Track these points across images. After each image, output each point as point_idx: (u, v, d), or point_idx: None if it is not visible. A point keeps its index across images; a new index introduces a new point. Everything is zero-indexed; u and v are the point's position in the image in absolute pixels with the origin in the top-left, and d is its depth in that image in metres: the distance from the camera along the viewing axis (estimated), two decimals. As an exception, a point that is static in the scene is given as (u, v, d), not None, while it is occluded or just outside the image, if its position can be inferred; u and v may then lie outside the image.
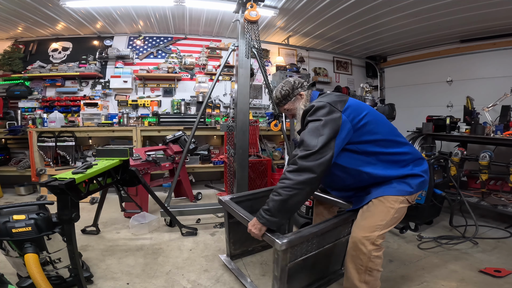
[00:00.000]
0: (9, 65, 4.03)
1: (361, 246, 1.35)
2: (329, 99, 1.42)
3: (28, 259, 1.32)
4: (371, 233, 1.35)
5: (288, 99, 1.62)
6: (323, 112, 1.36)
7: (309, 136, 1.32)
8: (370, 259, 1.35)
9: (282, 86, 1.63)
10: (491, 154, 2.76)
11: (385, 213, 1.39)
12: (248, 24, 2.53)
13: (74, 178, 1.46)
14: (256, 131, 3.90)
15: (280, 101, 1.64)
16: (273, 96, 1.68)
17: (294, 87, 1.61)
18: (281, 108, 1.67)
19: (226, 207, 1.81)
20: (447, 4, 3.06)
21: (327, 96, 1.50)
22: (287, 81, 1.65)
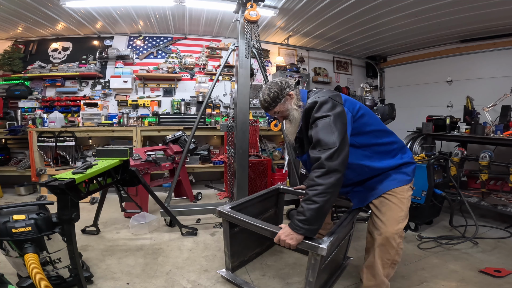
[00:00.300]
0: (9, 65, 4.03)
1: (392, 241, 1.41)
2: (327, 94, 1.43)
3: (28, 259, 1.32)
4: (398, 226, 1.42)
5: (277, 101, 1.52)
6: (328, 107, 1.34)
7: (324, 134, 1.29)
8: (397, 252, 1.44)
9: (269, 89, 1.53)
10: (491, 154, 2.76)
11: (401, 204, 1.46)
12: (248, 24, 2.53)
13: (74, 178, 1.46)
14: (256, 131, 3.90)
15: (269, 104, 1.53)
16: (260, 100, 1.56)
17: (282, 88, 1.52)
18: (271, 111, 1.57)
19: (233, 219, 1.64)
20: (447, 4, 3.06)
21: (321, 92, 1.50)
22: (273, 83, 1.54)
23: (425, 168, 2.49)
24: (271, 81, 1.58)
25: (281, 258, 2.09)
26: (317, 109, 1.37)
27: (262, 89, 1.59)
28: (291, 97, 1.53)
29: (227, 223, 1.70)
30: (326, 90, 1.50)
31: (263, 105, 1.57)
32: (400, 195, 1.46)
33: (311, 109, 1.40)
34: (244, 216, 1.62)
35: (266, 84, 1.57)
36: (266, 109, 1.58)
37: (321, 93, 1.46)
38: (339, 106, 1.36)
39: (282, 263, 2.02)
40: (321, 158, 1.25)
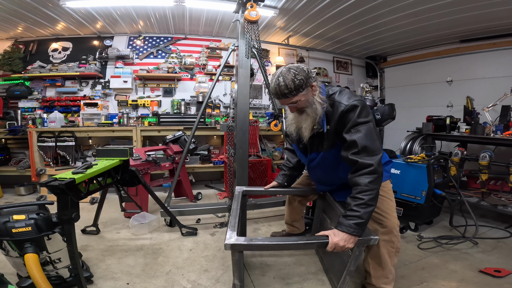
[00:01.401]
0: (9, 65, 4.03)
1: (393, 231, 1.53)
2: (357, 97, 1.43)
3: (28, 259, 1.32)
4: (395, 215, 1.56)
5: (300, 90, 1.38)
6: (367, 113, 1.38)
7: (370, 140, 1.33)
8: (398, 239, 1.57)
9: (294, 74, 1.36)
10: (491, 154, 2.76)
11: (390, 196, 1.59)
12: (248, 24, 2.53)
13: (74, 178, 1.46)
14: (256, 131, 3.90)
15: (290, 91, 1.37)
16: (279, 85, 1.37)
17: (308, 76, 1.39)
18: (288, 99, 1.41)
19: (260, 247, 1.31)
20: (447, 4, 3.06)
21: (347, 92, 1.46)
22: (299, 68, 1.38)
23: (425, 168, 2.49)
24: (294, 65, 1.41)
25: (281, 258, 2.09)
26: (359, 113, 1.35)
27: (282, 72, 1.39)
28: (313, 89, 1.42)
29: (240, 253, 1.25)
30: (350, 91, 1.48)
31: (282, 92, 1.38)
32: (385, 187, 1.57)
33: (349, 111, 1.37)
34: (275, 239, 1.44)
35: (288, 68, 1.39)
36: (283, 96, 1.40)
37: (349, 94, 1.44)
38: (370, 111, 1.42)
39: (282, 263, 2.02)
40: (374, 165, 1.29)
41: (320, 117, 1.44)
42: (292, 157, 2.00)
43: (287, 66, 1.41)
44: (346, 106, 1.37)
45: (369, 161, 1.30)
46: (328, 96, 1.47)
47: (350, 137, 1.35)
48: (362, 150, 1.32)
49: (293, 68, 1.38)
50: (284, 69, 1.39)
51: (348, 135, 1.36)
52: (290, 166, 1.99)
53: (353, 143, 1.34)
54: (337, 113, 1.40)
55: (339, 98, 1.43)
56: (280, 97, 1.42)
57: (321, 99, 1.43)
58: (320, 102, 1.42)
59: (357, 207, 1.27)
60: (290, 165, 1.99)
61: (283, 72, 1.39)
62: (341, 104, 1.40)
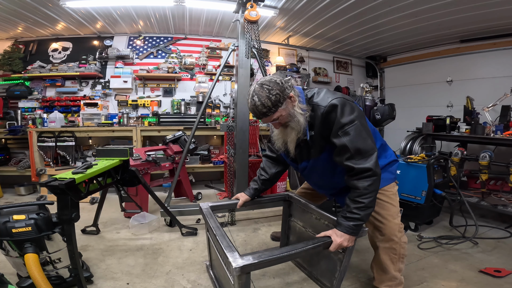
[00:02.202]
0: (9, 65, 4.03)
1: (393, 237, 1.46)
2: (336, 94, 1.34)
3: (28, 259, 1.32)
4: (395, 221, 1.47)
5: (279, 105, 1.28)
6: (349, 109, 1.28)
7: (361, 141, 1.26)
8: (401, 246, 1.49)
9: (268, 90, 1.26)
10: (491, 154, 2.76)
11: (392, 200, 1.51)
12: (248, 24, 2.53)
13: (74, 178, 1.46)
14: (256, 131, 3.90)
15: (269, 109, 1.27)
16: (254, 105, 1.28)
17: (283, 88, 1.29)
18: (269, 117, 1.31)
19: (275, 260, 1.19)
20: (447, 4, 3.06)
21: (327, 92, 1.38)
22: (272, 82, 1.29)
23: (425, 168, 2.49)
24: (266, 79, 1.31)
25: (281, 258, 2.09)
26: (341, 114, 1.27)
27: (255, 90, 1.29)
28: (292, 100, 1.33)
29: (247, 275, 1.15)
30: (327, 90, 1.41)
31: (260, 111, 1.28)
32: (388, 191, 1.51)
33: (330, 113, 1.29)
34: (284, 250, 1.22)
35: (260, 84, 1.29)
36: (263, 115, 1.30)
37: (327, 94, 1.36)
38: (355, 105, 1.32)
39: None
40: (372, 169, 1.25)
41: (304, 128, 1.36)
42: (270, 168, 1.79)
43: (259, 82, 1.31)
44: (325, 107, 1.30)
45: (365, 165, 1.25)
46: (307, 100, 1.38)
47: (339, 141, 1.29)
48: (356, 154, 1.26)
49: (266, 84, 1.29)
50: (257, 87, 1.30)
51: (336, 139, 1.30)
52: (265, 178, 1.77)
53: (344, 147, 1.28)
54: (318, 115, 1.34)
55: (317, 99, 1.36)
56: (260, 116, 1.31)
57: (301, 109, 1.33)
58: (301, 113, 1.33)
59: (357, 210, 1.28)
60: (265, 177, 1.77)
61: (256, 90, 1.29)
62: (319, 106, 1.33)
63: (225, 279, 1.39)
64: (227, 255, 1.14)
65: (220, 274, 1.55)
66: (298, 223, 1.89)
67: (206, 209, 1.68)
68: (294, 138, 1.40)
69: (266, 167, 1.81)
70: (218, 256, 1.43)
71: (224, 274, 1.37)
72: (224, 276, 1.41)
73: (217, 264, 1.57)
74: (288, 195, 1.95)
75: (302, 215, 1.85)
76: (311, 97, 1.40)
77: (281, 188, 3.71)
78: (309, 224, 1.77)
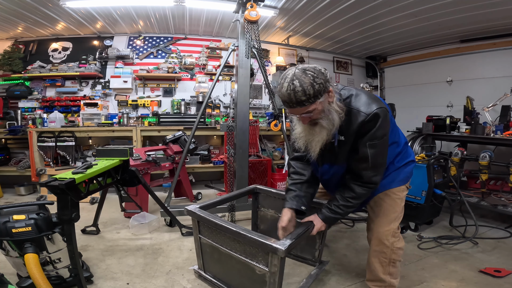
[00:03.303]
0: (9, 65, 4.03)
1: (384, 241, 1.41)
2: (375, 101, 1.23)
3: (28, 259, 1.32)
4: (389, 226, 1.42)
5: (318, 97, 1.12)
6: (386, 123, 1.24)
7: (380, 157, 1.28)
8: (393, 251, 1.43)
9: (313, 77, 1.10)
10: (491, 154, 2.76)
11: (395, 205, 1.45)
12: (248, 24, 2.53)
13: (74, 178, 1.46)
14: (256, 131, 3.90)
15: (308, 98, 1.10)
16: (294, 89, 1.09)
17: (327, 79, 1.14)
18: (303, 108, 1.14)
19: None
20: (447, 4, 3.06)
21: (363, 95, 1.26)
22: (316, 70, 1.13)
23: (425, 168, 2.49)
24: (309, 66, 1.15)
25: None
26: (380, 126, 1.20)
27: (296, 74, 1.11)
28: (330, 95, 1.17)
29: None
30: (367, 94, 1.27)
31: (298, 99, 1.10)
32: (395, 195, 1.45)
33: (370, 122, 1.19)
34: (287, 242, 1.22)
35: (303, 69, 1.12)
36: (298, 104, 1.12)
37: (368, 99, 1.23)
38: (390, 115, 1.28)
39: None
40: (377, 183, 1.32)
41: (337, 128, 1.21)
42: (304, 168, 1.51)
43: (301, 67, 1.14)
44: (367, 116, 1.19)
45: (374, 178, 1.30)
46: (342, 100, 1.24)
47: (364, 151, 1.24)
48: (372, 167, 1.27)
49: (310, 70, 1.12)
50: (298, 71, 1.12)
51: (362, 148, 1.24)
52: (303, 180, 1.47)
53: (365, 158, 1.25)
54: (356, 123, 1.21)
55: (356, 104, 1.23)
56: (294, 105, 1.14)
57: (339, 107, 1.19)
58: (338, 111, 1.19)
59: (344, 208, 1.36)
60: (303, 179, 1.48)
61: (297, 74, 1.11)
62: (360, 113, 1.20)
63: (242, 272, 1.39)
64: (267, 243, 1.20)
65: (228, 271, 1.50)
66: (269, 211, 2.04)
67: (199, 211, 1.56)
68: (322, 139, 1.23)
69: (298, 169, 1.53)
70: (232, 252, 1.41)
71: (241, 268, 1.39)
72: (240, 270, 1.40)
73: (223, 261, 1.50)
74: (256, 187, 2.07)
75: (272, 203, 2.01)
76: (347, 98, 1.26)
77: (281, 188, 3.71)
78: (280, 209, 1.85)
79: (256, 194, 2.11)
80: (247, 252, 1.33)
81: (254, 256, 1.30)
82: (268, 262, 1.23)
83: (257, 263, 1.30)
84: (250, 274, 1.35)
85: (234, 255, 1.39)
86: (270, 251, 1.20)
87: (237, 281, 1.47)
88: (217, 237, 1.47)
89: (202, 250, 1.59)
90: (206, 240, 1.53)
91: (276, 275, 1.23)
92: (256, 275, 1.32)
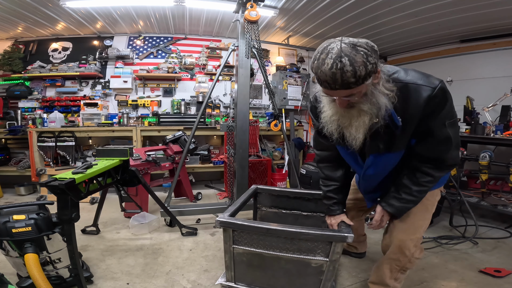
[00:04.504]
0: (9, 65, 4.03)
1: (405, 250, 1.28)
2: (429, 74, 1.09)
3: (28, 259, 1.32)
4: (414, 235, 1.28)
5: (368, 79, 0.95)
6: (451, 102, 1.08)
7: (456, 148, 1.14)
8: (410, 260, 1.32)
9: (366, 55, 0.92)
10: (491, 154, 2.76)
11: (425, 211, 1.32)
12: (248, 24, 2.53)
13: (74, 178, 1.46)
14: (256, 131, 3.90)
15: (357, 80, 0.92)
16: (343, 68, 0.90)
17: (378, 58, 0.98)
18: (347, 91, 0.96)
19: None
20: (447, 4, 3.05)
21: (411, 70, 1.11)
22: (369, 46, 0.96)
23: (425, 168, 2.48)
24: (360, 41, 0.98)
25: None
26: (450, 103, 1.07)
27: (344, 51, 0.93)
28: (377, 76, 1.01)
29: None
30: (413, 69, 1.12)
31: (346, 80, 0.92)
32: (427, 200, 1.28)
33: (438, 98, 1.03)
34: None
35: (352, 44, 0.95)
36: (344, 86, 0.94)
37: (419, 73, 1.09)
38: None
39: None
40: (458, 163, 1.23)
41: (387, 110, 1.04)
42: (334, 172, 1.43)
43: (349, 42, 0.96)
44: (433, 90, 1.03)
45: (457, 158, 1.17)
46: (389, 78, 1.07)
47: (443, 132, 1.08)
48: (455, 147, 1.13)
49: (362, 46, 0.94)
50: (346, 46, 0.94)
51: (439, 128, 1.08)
52: (336, 186, 1.42)
53: (447, 140, 1.10)
54: (420, 99, 1.04)
55: (411, 78, 1.07)
56: (336, 87, 0.94)
57: (387, 89, 1.03)
58: (385, 93, 1.02)
59: (417, 194, 1.21)
60: (336, 185, 1.42)
61: (346, 50, 0.92)
62: (422, 87, 1.04)
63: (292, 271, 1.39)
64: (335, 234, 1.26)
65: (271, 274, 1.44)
66: (271, 209, 2.06)
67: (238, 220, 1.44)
68: (364, 124, 1.05)
69: (329, 173, 1.44)
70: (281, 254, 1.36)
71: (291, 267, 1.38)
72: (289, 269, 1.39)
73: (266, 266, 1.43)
74: (257, 187, 2.05)
75: (275, 200, 2.03)
76: (395, 73, 1.09)
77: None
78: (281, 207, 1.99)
79: (256, 194, 2.11)
80: (302, 248, 1.32)
81: (311, 250, 1.30)
82: (330, 252, 1.27)
83: (313, 257, 1.31)
84: (302, 269, 1.35)
85: (285, 255, 1.35)
86: (338, 240, 1.24)
87: (283, 281, 1.43)
88: (261, 242, 1.38)
89: (235, 261, 1.48)
90: (244, 248, 1.42)
91: (337, 262, 1.29)
92: (311, 269, 1.33)
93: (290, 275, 1.39)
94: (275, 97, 3.13)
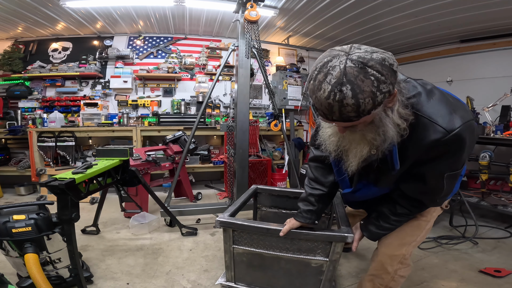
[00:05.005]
0: (9, 65, 4.03)
1: (387, 266, 1.17)
2: (457, 108, 0.87)
3: (28, 259, 1.32)
4: (399, 251, 1.16)
5: (377, 108, 0.75)
6: (474, 141, 0.92)
7: (450, 184, 0.99)
8: (393, 278, 1.18)
9: (377, 80, 0.71)
10: (491, 154, 2.76)
11: (416, 228, 1.19)
12: (248, 24, 2.53)
13: (74, 178, 1.46)
14: (256, 131, 3.90)
15: (359, 114, 0.74)
16: (342, 100, 0.71)
17: (396, 79, 0.77)
18: (347, 123, 0.79)
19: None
20: (447, 4, 3.05)
21: (439, 96, 0.88)
22: (385, 66, 0.73)
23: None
24: (372, 57, 0.74)
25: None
26: (464, 151, 0.87)
27: (348, 74, 0.71)
28: (392, 100, 0.80)
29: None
30: (444, 94, 0.91)
31: (344, 115, 0.74)
32: (423, 216, 1.18)
33: (449, 145, 0.84)
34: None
35: (362, 63, 0.72)
36: (344, 119, 0.76)
37: (450, 106, 0.87)
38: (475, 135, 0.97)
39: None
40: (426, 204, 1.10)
41: (391, 143, 0.85)
42: (325, 176, 1.26)
43: (358, 58, 0.72)
44: (447, 134, 0.82)
45: (437, 203, 1.13)
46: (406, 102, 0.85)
47: (436, 182, 0.96)
48: (443, 196, 1.04)
49: (375, 67, 0.72)
50: (353, 67, 0.71)
51: (432, 178, 0.95)
52: (322, 193, 1.25)
53: (436, 191, 1.00)
54: (426, 140, 0.85)
55: (429, 110, 0.85)
56: (334, 118, 0.77)
57: (401, 117, 0.82)
58: (397, 123, 0.82)
59: (395, 223, 1.15)
60: (323, 191, 1.25)
61: (350, 75, 0.71)
62: (435, 126, 0.83)
63: (292, 271, 1.38)
64: (335, 234, 1.25)
65: (272, 274, 1.44)
66: (271, 209, 2.03)
67: (238, 220, 1.44)
68: (362, 153, 0.90)
69: (319, 175, 1.26)
70: (281, 254, 1.35)
71: (291, 267, 1.37)
72: (289, 269, 1.39)
73: (266, 266, 1.43)
74: (257, 187, 2.04)
75: (275, 200, 2.00)
76: (413, 97, 0.87)
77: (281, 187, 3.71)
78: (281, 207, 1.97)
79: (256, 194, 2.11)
80: (302, 249, 1.31)
81: (311, 250, 1.30)
82: (330, 252, 1.27)
83: (313, 257, 1.31)
84: (302, 269, 1.35)
85: (285, 255, 1.35)
86: (337, 240, 1.24)
87: (283, 281, 1.43)
88: (261, 242, 1.37)
89: (235, 261, 1.47)
90: (244, 248, 1.42)
91: (337, 262, 1.29)
92: (311, 269, 1.33)
93: (290, 275, 1.39)
94: (275, 97, 3.13)
